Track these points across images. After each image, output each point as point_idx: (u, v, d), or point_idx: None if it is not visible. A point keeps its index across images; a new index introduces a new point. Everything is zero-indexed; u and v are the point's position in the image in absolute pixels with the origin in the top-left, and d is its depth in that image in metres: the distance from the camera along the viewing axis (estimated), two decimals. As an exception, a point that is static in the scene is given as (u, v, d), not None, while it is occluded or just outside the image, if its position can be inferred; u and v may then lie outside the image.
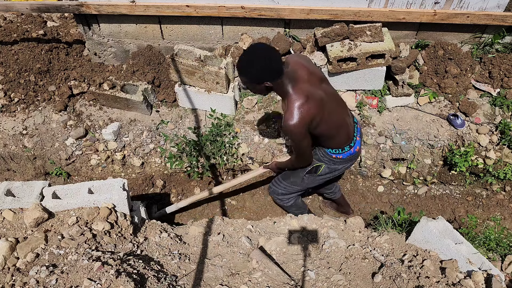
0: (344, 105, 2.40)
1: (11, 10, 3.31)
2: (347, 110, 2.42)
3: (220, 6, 3.14)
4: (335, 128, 2.27)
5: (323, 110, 2.10)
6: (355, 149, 2.44)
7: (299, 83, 2.06)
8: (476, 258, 2.08)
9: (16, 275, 1.84)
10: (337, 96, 2.34)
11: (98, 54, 3.65)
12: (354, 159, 2.54)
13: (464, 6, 3.11)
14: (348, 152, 2.42)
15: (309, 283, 2.02)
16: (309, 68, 2.15)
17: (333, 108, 2.21)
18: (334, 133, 2.28)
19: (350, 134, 2.38)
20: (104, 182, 2.30)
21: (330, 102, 2.18)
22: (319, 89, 2.13)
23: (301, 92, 2.04)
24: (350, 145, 2.40)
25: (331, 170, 2.51)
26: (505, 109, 3.32)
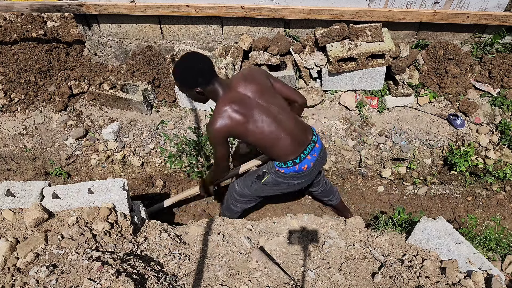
0: (294, 120, 2.31)
1: (11, 10, 3.31)
2: (298, 125, 2.33)
3: (220, 6, 3.14)
4: (270, 140, 2.21)
5: (249, 121, 2.12)
6: (302, 167, 2.33)
7: (230, 92, 2.14)
8: (476, 258, 2.08)
9: (16, 275, 1.84)
10: (282, 108, 2.26)
11: (98, 54, 3.65)
12: (302, 178, 2.42)
13: (464, 6, 3.11)
14: (291, 169, 2.33)
15: (309, 283, 2.02)
16: (248, 79, 2.19)
17: (270, 120, 2.17)
18: (269, 145, 2.24)
19: (296, 149, 2.29)
20: (104, 182, 2.30)
21: (265, 114, 2.16)
22: (254, 100, 2.15)
23: (228, 100, 2.10)
24: (294, 161, 2.30)
25: (277, 183, 2.45)
26: (505, 109, 3.32)
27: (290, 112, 2.33)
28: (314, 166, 2.40)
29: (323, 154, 2.48)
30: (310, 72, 3.42)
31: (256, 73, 2.27)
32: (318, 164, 2.44)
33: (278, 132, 2.21)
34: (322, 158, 2.48)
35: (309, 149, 2.34)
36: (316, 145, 2.40)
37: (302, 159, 2.32)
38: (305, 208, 3.52)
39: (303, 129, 2.36)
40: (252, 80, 2.20)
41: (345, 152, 3.39)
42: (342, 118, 3.41)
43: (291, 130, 2.27)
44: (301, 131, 2.34)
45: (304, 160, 2.33)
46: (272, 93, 2.26)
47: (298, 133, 2.30)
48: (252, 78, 2.22)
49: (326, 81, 3.40)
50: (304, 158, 2.33)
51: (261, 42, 3.32)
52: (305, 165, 2.34)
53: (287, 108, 2.32)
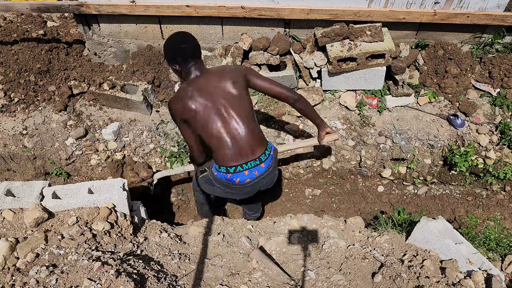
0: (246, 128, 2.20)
1: (11, 10, 3.31)
2: (251, 137, 2.21)
3: (220, 6, 3.14)
4: (212, 139, 2.19)
5: (197, 113, 2.15)
6: (233, 179, 2.25)
7: (198, 80, 2.19)
8: (476, 258, 2.08)
9: (16, 275, 1.84)
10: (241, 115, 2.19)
11: (98, 54, 3.65)
12: (232, 189, 2.34)
13: (464, 6, 3.11)
14: (223, 175, 2.27)
15: (309, 283, 2.02)
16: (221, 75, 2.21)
17: (218, 120, 2.16)
18: (211, 144, 2.22)
19: (233, 159, 2.21)
20: (104, 182, 2.30)
21: (217, 113, 2.16)
22: (215, 97, 2.16)
23: (189, 86, 2.18)
24: (228, 169, 2.23)
25: (210, 182, 2.42)
26: (505, 109, 3.32)
27: (250, 121, 2.24)
28: (250, 183, 2.29)
29: (267, 175, 2.33)
30: (310, 72, 3.42)
31: (233, 71, 2.25)
32: (257, 183, 2.32)
33: (222, 135, 2.18)
34: (264, 178, 2.33)
35: (250, 164, 2.23)
36: (262, 164, 2.27)
37: (237, 170, 2.23)
38: (305, 208, 3.52)
39: (253, 143, 2.23)
40: (226, 76, 2.20)
41: (345, 152, 3.39)
42: (342, 118, 3.41)
43: (238, 137, 2.19)
44: (250, 143, 2.22)
45: (239, 173, 2.23)
46: (241, 95, 2.20)
47: (244, 144, 2.20)
48: (227, 74, 2.21)
49: (326, 81, 3.40)
50: (240, 172, 2.23)
51: (261, 42, 3.32)
52: (237, 178, 2.25)
53: (248, 116, 2.23)
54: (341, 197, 3.57)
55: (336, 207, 3.55)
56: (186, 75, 2.23)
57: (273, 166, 2.35)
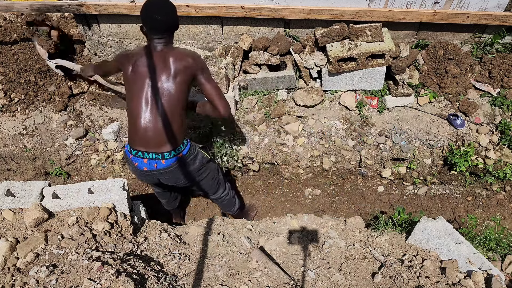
0: (163, 120, 2.16)
1: (11, 10, 3.31)
2: (163, 130, 2.17)
3: (220, 6, 3.14)
4: (130, 111, 2.18)
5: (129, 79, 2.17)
6: (133, 161, 2.26)
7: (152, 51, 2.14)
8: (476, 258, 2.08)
9: (16, 275, 1.84)
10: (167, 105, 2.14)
11: (98, 54, 3.65)
12: (134, 170, 2.34)
13: (464, 6, 3.11)
14: (128, 153, 2.28)
15: (309, 283, 2.02)
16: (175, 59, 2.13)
17: (143, 98, 2.13)
18: (128, 118, 2.22)
19: (137, 142, 2.19)
20: (104, 182, 2.30)
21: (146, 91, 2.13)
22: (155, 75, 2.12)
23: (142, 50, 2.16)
24: (131, 150, 2.23)
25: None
26: (505, 109, 3.32)
27: (173, 119, 2.18)
28: (147, 172, 2.29)
29: (167, 173, 2.30)
30: (310, 72, 3.42)
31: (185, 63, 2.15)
32: (156, 175, 2.32)
33: (138, 118, 2.15)
34: (164, 174, 2.32)
35: (151, 155, 2.22)
36: (163, 161, 2.23)
37: (137, 155, 2.23)
38: (305, 208, 3.52)
39: (163, 139, 2.19)
40: (175, 63, 2.13)
41: (345, 152, 3.39)
42: (342, 118, 3.41)
43: (149, 129, 2.16)
44: (159, 138, 2.18)
45: (139, 158, 2.24)
46: (177, 90, 2.14)
47: (152, 136, 2.17)
48: (178, 61, 2.13)
49: (326, 81, 3.40)
50: (139, 157, 2.23)
51: (261, 42, 3.32)
52: (136, 162, 2.26)
53: (172, 114, 2.17)
54: (341, 197, 3.57)
55: (336, 207, 3.55)
56: (148, 41, 2.17)
57: (176, 167, 2.30)
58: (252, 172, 3.53)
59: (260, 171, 3.52)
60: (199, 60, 2.20)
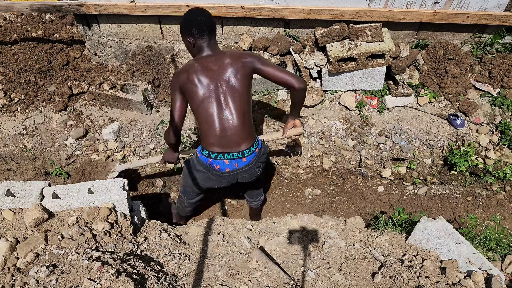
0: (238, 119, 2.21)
1: (11, 10, 3.31)
2: (240, 128, 2.22)
3: (220, 6, 3.14)
4: (203, 119, 2.20)
5: (196, 88, 2.16)
6: (214, 165, 2.27)
7: (208, 57, 2.19)
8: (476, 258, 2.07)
9: (16, 275, 1.84)
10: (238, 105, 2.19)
11: (98, 54, 3.65)
12: (211, 172, 2.33)
13: (464, 6, 3.11)
14: (204, 158, 2.29)
15: (309, 283, 2.02)
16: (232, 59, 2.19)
17: (213, 103, 2.17)
18: (201, 123, 2.23)
19: (219, 145, 2.22)
20: (104, 182, 2.30)
21: (215, 95, 2.17)
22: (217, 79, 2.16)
23: (198, 60, 2.19)
24: (210, 154, 2.25)
25: (194, 167, 2.41)
26: (505, 109, 3.32)
27: (244, 114, 2.23)
28: (228, 173, 2.32)
29: (247, 170, 2.35)
30: (310, 72, 3.42)
31: (242, 57, 2.22)
32: (236, 175, 2.35)
33: (213, 119, 2.19)
34: (244, 172, 2.35)
35: (232, 155, 2.25)
36: (244, 159, 2.28)
37: (217, 157, 2.25)
38: (305, 208, 3.52)
39: (241, 136, 2.24)
40: (234, 62, 2.18)
41: (345, 152, 3.39)
42: (342, 118, 3.41)
43: (227, 127, 2.20)
44: (238, 136, 2.23)
45: (220, 160, 2.26)
46: (242, 86, 2.20)
47: (231, 135, 2.22)
48: (235, 60, 2.19)
49: (326, 81, 3.40)
50: (221, 159, 2.26)
51: (261, 42, 3.33)
52: (218, 164, 2.28)
53: (243, 109, 2.23)
54: (341, 197, 3.57)
55: (336, 207, 3.55)
56: (198, 51, 2.21)
57: (254, 162, 2.36)
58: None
59: (260, 171, 3.52)
60: (253, 53, 2.29)
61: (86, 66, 3.66)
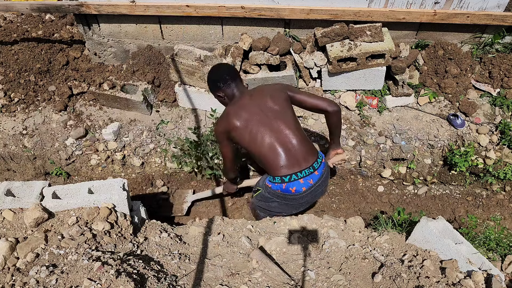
0: (296, 136, 2.25)
1: (11, 10, 3.31)
2: (302, 145, 2.26)
3: (220, 6, 3.14)
4: (263, 151, 2.23)
5: (246, 127, 2.23)
6: (289, 188, 2.25)
7: (241, 99, 2.29)
8: (476, 258, 2.07)
9: (16, 275, 1.84)
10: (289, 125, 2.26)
11: (98, 54, 3.65)
12: (289, 201, 2.34)
13: (464, 6, 3.11)
14: (278, 186, 2.28)
15: (309, 283, 2.02)
16: (264, 93, 2.31)
17: (266, 132, 2.22)
18: (261, 155, 2.25)
19: (287, 167, 2.23)
20: (104, 182, 2.30)
21: (263, 125, 2.23)
22: (259, 111, 2.25)
23: (235, 105, 2.28)
24: (283, 179, 2.24)
25: (266, 199, 2.43)
26: (505, 109, 3.32)
27: (299, 131, 2.31)
28: (306, 192, 2.31)
29: (321, 183, 2.34)
30: (310, 72, 3.42)
31: (273, 87, 2.37)
32: (313, 192, 2.33)
33: (273, 145, 2.22)
34: (319, 187, 2.35)
35: (304, 173, 2.25)
36: (316, 172, 2.28)
37: (292, 179, 2.24)
38: (305, 208, 3.52)
39: (306, 151, 2.27)
40: (267, 93, 2.31)
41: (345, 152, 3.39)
42: (342, 118, 3.41)
43: (290, 146, 2.24)
44: (303, 152, 2.26)
45: (294, 181, 2.25)
46: (284, 109, 2.28)
47: (297, 152, 2.24)
48: (269, 90, 2.33)
49: (326, 81, 3.40)
50: (295, 180, 2.24)
51: (261, 42, 3.33)
52: (293, 187, 2.26)
53: (296, 126, 2.30)
54: (341, 197, 3.57)
55: (336, 207, 3.55)
56: (230, 98, 2.32)
57: (326, 173, 2.37)
58: (252, 172, 3.53)
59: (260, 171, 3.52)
60: (282, 84, 2.45)
61: (86, 66, 3.66)
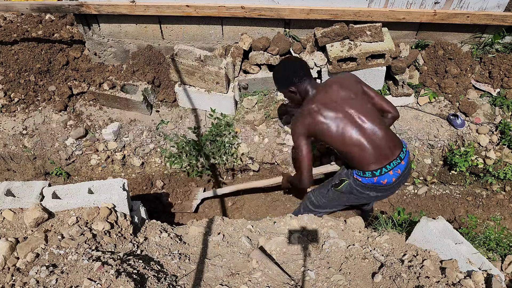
0: (382, 131, 2.25)
1: (11, 10, 3.31)
2: (386, 137, 2.27)
3: (220, 6, 3.14)
4: (350, 145, 2.22)
5: (329, 122, 2.17)
6: (380, 180, 2.30)
7: (319, 94, 2.24)
8: (476, 258, 2.07)
9: (16, 275, 1.84)
10: (372, 117, 2.24)
11: (98, 54, 3.65)
12: (379, 191, 2.40)
13: (464, 6, 3.11)
14: (369, 180, 2.32)
15: (309, 283, 2.02)
16: (341, 84, 2.26)
17: (351, 127, 2.19)
18: (348, 151, 2.24)
19: (378, 161, 2.26)
20: (104, 182, 2.30)
21: (348, 120, 2.19)
22: (341, 105, 2.19)
23: (315, 100, 2.21)
24: (374, 173, 2.28)
25: (352, 191, 2.45)
26: (505, 109, 3.32)
27: (382, 123, 2.30)
28: (395, 182, 2.36)
29: (407, 171, 2.41)
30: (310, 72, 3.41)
31: (348, 79, 2.32)
32: (400, 181, 2.39)
33: (360, 141, 2.21)
34: (405, 176, 2.41)
35: (393, 164, 2.29)
36: (402, 162, 2.33)
37: (383, 172, 2.29)
38: (305, 208, 3.52)
39: (391, 143, 2.30)
40: (343, 86, 2.26)
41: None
42: (342, 118, 3.41)
43: (377, 141, 2.24)
44: (389, 144, 2.28)
45: (385, 174, 2.30)
46: (363, 101, 2.26)
47: (384, 146, 2.26)
48: (344, 83, 2.28)
49: (326, 81, 3.40)
50: (386, 173, 2.29)
51: (261, 42, 3.33)
52: (385, 179, 2.31)
53: (378, 118, 2.29)
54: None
55: (336, 207, 3.54)
56: (304, 93, 2.28)
57: (409, 161, 2.44)
58: (252, 172, 3.53)
59: (260, 171, 3.52)
60: (353, 75, 2.39)
61: (86, 66, 3.66)
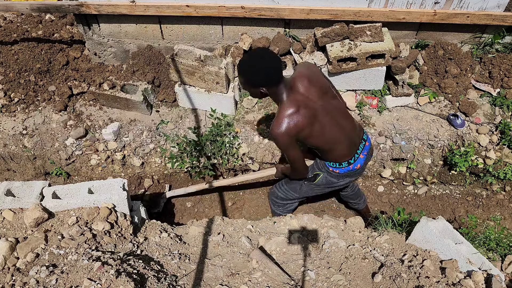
0: (350, 121, 2.33)
1: (11, 10, 3.31)
2: (353, 125, 2.36)
3: (220, 6, 3.14)
4: (331, 142, 2.24)
5: (313, 124, 2.10)
6: (355, 167, 2.40)
7: (294, 93, 2.08)
8: (476, 258, 2.07)
9: (16, 275, 1.84)
10: (342, 110, 2.28)
11: (98, 54, 3.65)
12: (353, 176, 2.50)
13: (464, 6, 3.11)
14: (346, 168, 2.39)
15: (309, 283, 2.02)
16: (311, 80, 2.13)
17: (331, 123, 2.18)
18: (329, 147, 2.27)
19: (351, 150, 2.35)
20: (104, 182, 2.30)
21: (327, 116, 2.16)
22: (317, 102, 2.13)
23: (294, 102, 2.05)
24: (349, 162, 2.37)
25: (328, 183, 2.50)
26: (505, 109, 3.32)
27: (348, 113, 2.35)
28: (365, 164, 2.48)
29: (371, 151, 2.54)
30: (310, 72, 3.41)
31: (315, 73, 2.20)
32: (367, 161, 2.50)
33: (338, 135, 2.24)
34: (370, 155, 2.53)
35: (361, 147, 2.40)
36: (366, 143, 2.45)
37: (356, 159, 2.38)
38: (305, 208, 3.52)
39: (357, 129, 2.39)
40: (314, 81, 2.15)
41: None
42: (342, 118, 3.41)
43: (349, 132, 2.30)
44: (356, 131, 2.37)
45: (358, 159, 2.39)
46: (333, 94, 2.25)
47: (353, 134, 2.34)
48: (314, 78, 2.16)
49: (326, 81, 3.40)
50: (358, 158, 2.39)
51: (261, 42, 3.32)
52: (358, 164, 2.40)
53: (345, 109, 2.35)
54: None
55: (336, 207, 3.55)
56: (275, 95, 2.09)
57: (368, 136, 2.52)
58: (252, 172, 3.53)
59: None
60: (316, 68, 2.33)
61: (86, 66, 3.66)
